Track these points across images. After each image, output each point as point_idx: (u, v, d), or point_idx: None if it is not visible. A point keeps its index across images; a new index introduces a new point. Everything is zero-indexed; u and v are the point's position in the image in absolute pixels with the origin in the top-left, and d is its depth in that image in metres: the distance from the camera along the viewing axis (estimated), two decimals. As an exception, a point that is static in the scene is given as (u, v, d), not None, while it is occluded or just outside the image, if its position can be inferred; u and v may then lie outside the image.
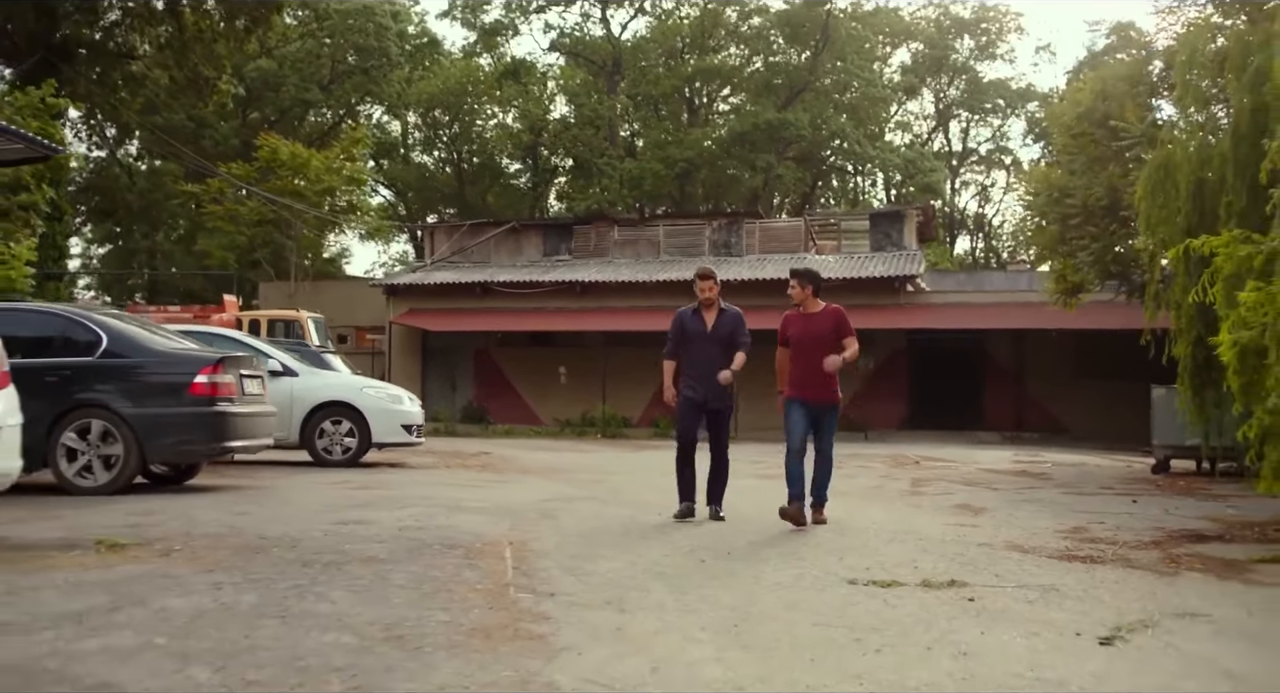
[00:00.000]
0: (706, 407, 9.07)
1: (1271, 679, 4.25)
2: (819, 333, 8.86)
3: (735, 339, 9.07)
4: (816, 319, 8.94)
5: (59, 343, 9.49)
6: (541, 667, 4.00)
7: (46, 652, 3.91)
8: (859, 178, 63.82)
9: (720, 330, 9.08)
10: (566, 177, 60.96)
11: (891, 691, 3.86)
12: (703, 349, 9.08)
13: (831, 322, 8.91)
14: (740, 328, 9.17)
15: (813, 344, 8.82)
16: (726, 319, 9.15)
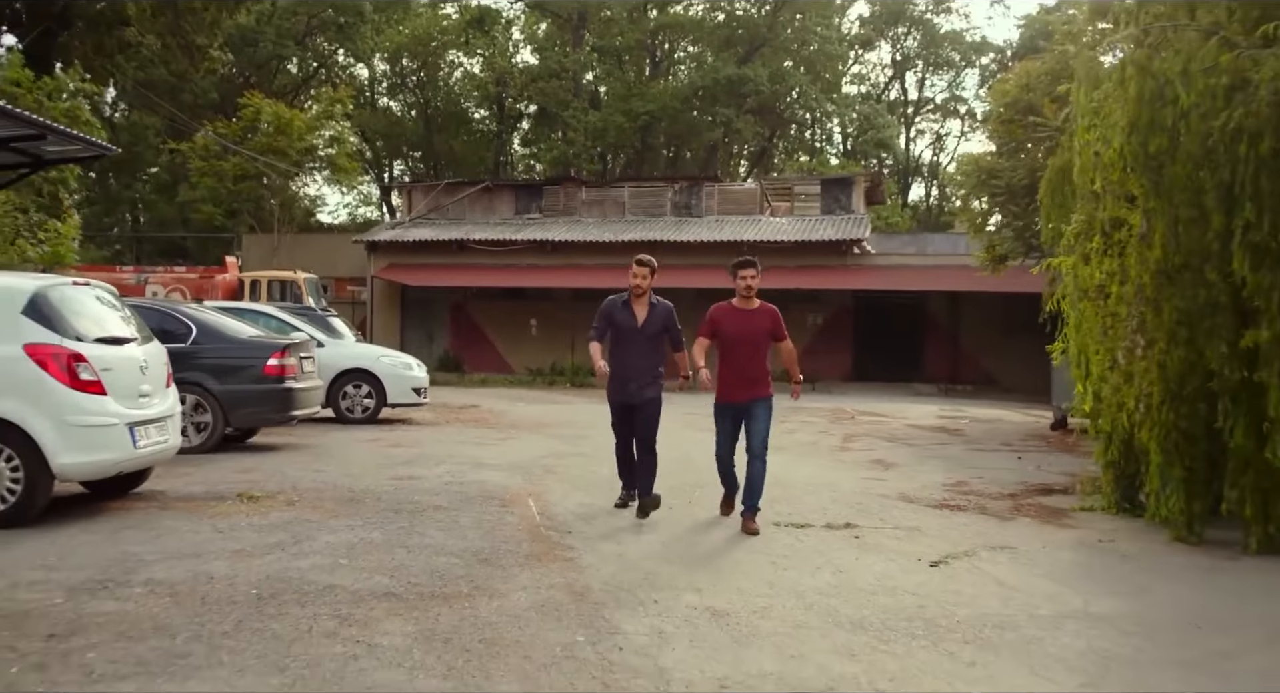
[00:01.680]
0: (631, 404, 8.80)
1: (1029, 587, 6.80)
2: (755, 332, 8.48)
3: (670, 334, 8.86)
4: (754, 317, 8.52)
5: (159, 333, 11.87)
6: (576, 577, 6.54)
7: (280, 568, 6.41)
8: (815, 131, 66.08)
9: (650, 327, 8.73)
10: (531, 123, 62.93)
11: (791, 591, 6.40)
12: (630, 345, 8.75)
13: (769, 321, 8.52)
14: (673, 323, 8.88)
15: (747, 343, 8.45)
16: (657, 315, 8.78)
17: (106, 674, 4.49)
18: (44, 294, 7.82)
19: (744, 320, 8.51)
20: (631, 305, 8.81)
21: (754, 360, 8.47)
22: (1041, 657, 5.20)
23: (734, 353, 8.47)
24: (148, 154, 46.02)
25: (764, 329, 8.51)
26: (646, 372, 8.76)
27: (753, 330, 8.49)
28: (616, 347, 8.82)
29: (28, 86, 21.53)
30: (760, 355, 8.51)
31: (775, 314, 8.61)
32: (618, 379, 8.80)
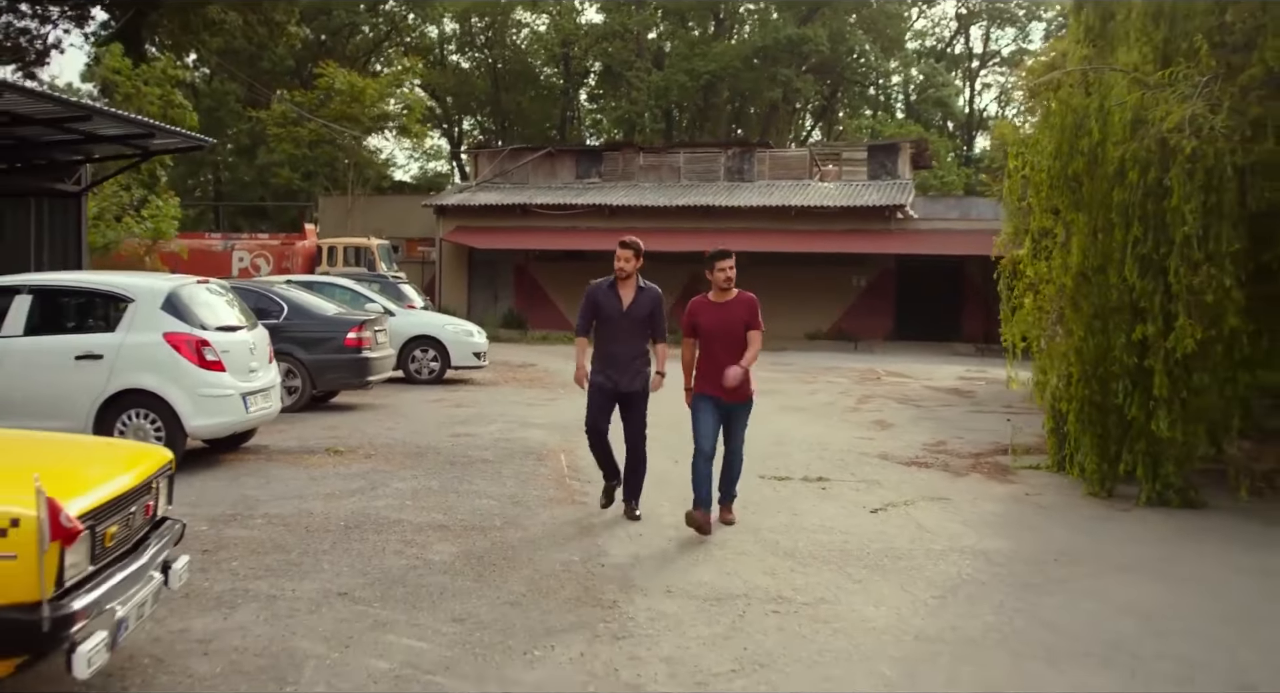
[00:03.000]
0: (618, 392, 8.49)
1: (941, 529, 8.63)
2: (732, 323, 8.25)
3: (653, 322, 8.54)
4: (730, 308, 8.30)
5: (256, 312, 14.00)
6: (584, 516, 8.53)
7: (361, 507, 8.47)
8: (876, 89, 67.03)
9: (637, 311, 8.43)
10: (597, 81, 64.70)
11: (749, 529, 8.30)
12: (616, 329, 8.45)
13: (744, 311, 8.27)
14: (659, 310, 8.59)
15: (725, 336, 8.24)
16: (644, 299, 8.48)
17: (246, 577, 6.55)
18: (176, 292, 9.93)
19: (721, 313, 8.29)
20: (618, 288, 8.46)
21: (733, 354, 8.12)
22: (915, 578, 7.08)
23: (712, 347, 8.25)
24: (229, 119, 48.49)
25: (741, 321, 8.24)
26: (634, 359, 8.47)
27: (730, 323, 8.24)
28: (602, 333, 8.52)
29: (126, 74, 23.80)
30: (740, 349, 8.17)
31: (752, 304, 8.34)
32: (602, 366, 8.49)
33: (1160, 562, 7.74)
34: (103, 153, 17.76)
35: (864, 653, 5.58)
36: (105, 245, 20.67)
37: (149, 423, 9.63)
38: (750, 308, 8.33)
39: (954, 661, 5.52)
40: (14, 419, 8.75)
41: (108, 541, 4.40)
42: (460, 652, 5.34)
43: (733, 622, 6.00)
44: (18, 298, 9.80)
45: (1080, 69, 10.19)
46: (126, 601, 4.38)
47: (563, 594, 6.41)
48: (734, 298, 8.35)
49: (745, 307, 8.32)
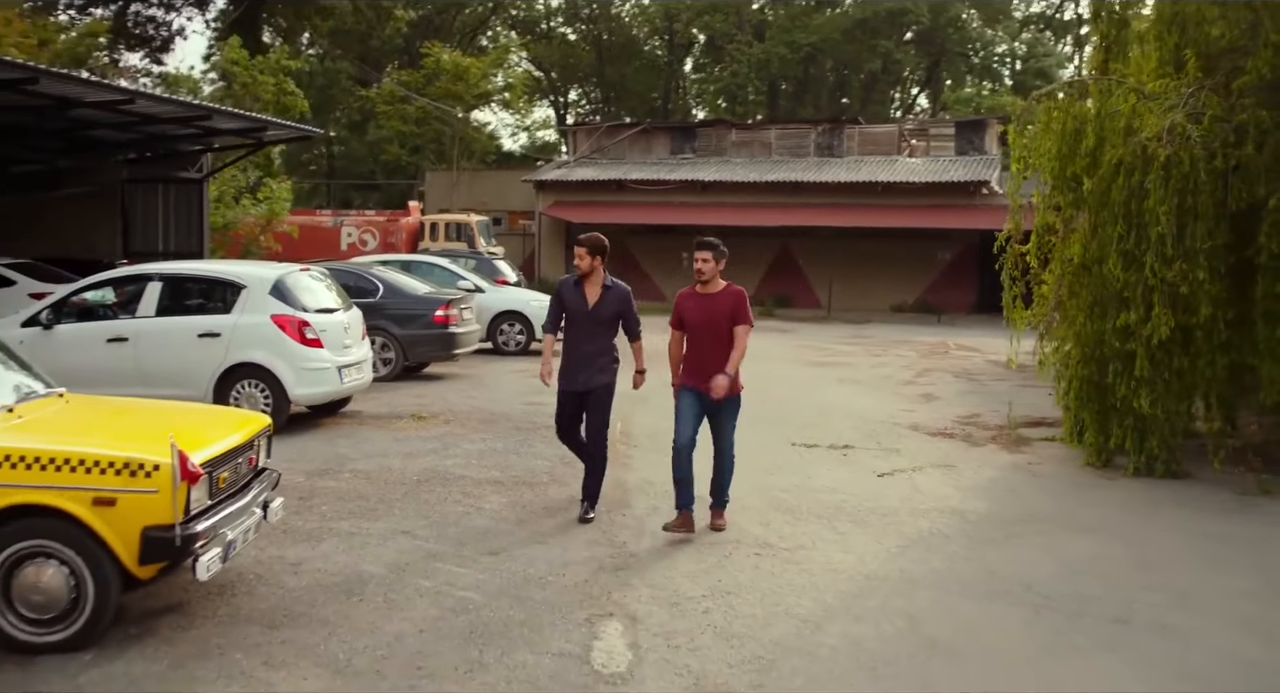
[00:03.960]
0: (579, 391, 8.44)
1: (934, 492, 9.83)
2: (716, 316, 7.99)
3: (625, 321, 8.44)
4: (715, 300, 8.04)
5: (355, 291, 15.66)
6: (622, 475, 9.93)
7: (433, 464, 10.00)
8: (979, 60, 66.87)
9: (603, 309, 8.28)
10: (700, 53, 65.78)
11: (760, 489, 9.60)
12: (579, 328, 8.34)
13: (729, 304, 7.99)
14: (629, 308, 8.45)
15: (710, 329, 8.00)
16: (611, 298, 8.33)
17: (332, 518, 8.10)
18: (283, 279, 11.56)
19: (705, 305, 8.07)
20: (583, 285, 8.31)
21: (718, 348, 7.93)
22: (890, 532, 8.35)
23: (697, 340, 8.07)
24: (340, 96, 50.62)
25: (725, 313, 7.97)
26: (597, 357, 8.32)
27: (714, 315, 7.98)
28: (569, 330, 8.44)
29: (244, 64, 25.72)
30: (725, 343, 7.94)
31: (739, 297, 8.08)
32: (567, 364, 8.41)
33: (1117, 523, 8.89)
34: (222, 143, 19.59)
35: (817, 587, 6.90)
36: (224, 225, 22.58)
37: (259, 392, 11.28)
38: (735, 301, 8.03)
39: (888, 595, 6.81)
40: (148, 388, 10.46)
41: (221, 483, 5.92)
42: (489, 577, 6.81)
43: (717, 561, 7.36)
44: (150, 284, 11.54)
45: (1079, 79, 11.22)
46: (235, 528, 5.91)
47: (583, 537, 7.84)
48: (720, 290, 8.08)
49: (730, 299, 8.02)
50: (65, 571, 5.39)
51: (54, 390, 6.57)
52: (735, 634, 5.99)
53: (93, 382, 10.22)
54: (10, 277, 15.91)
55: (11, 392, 6.29)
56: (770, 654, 5.73)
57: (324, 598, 6.30)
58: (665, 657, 5.64)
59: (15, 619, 5.41)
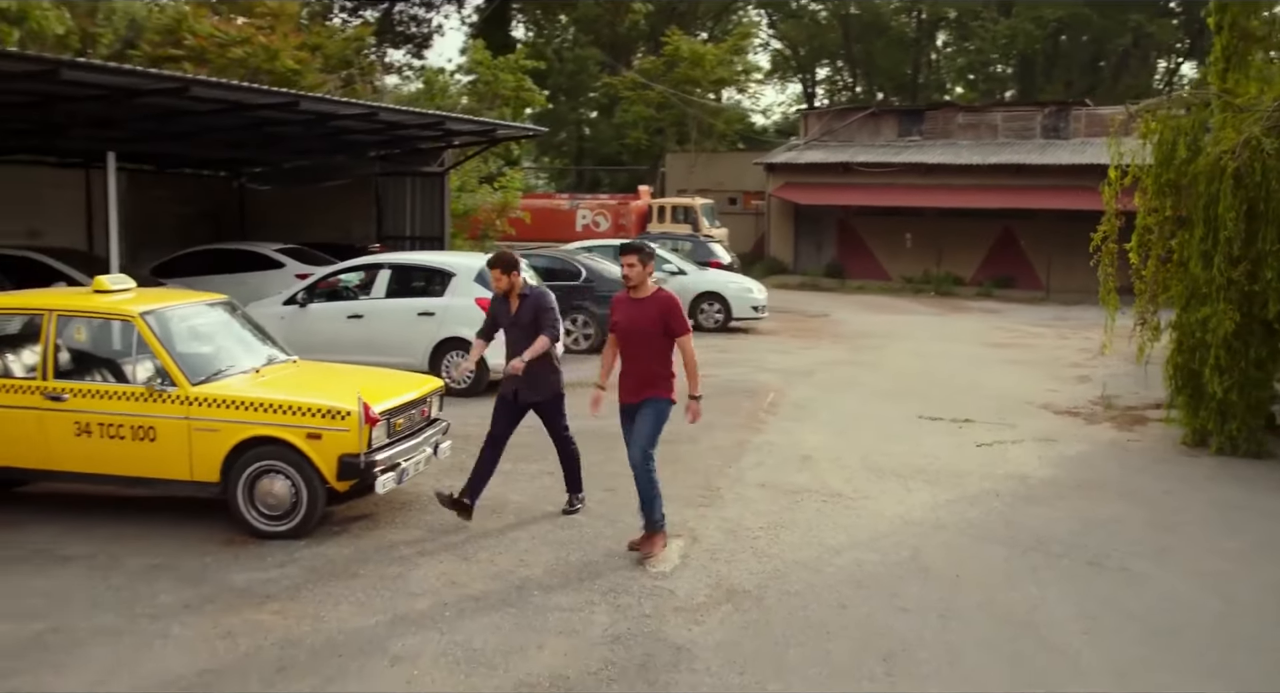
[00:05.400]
0: (518, 402, 8.62)
1: (1017, 461, 11.30)
2: (644, 323, 7.69)
3: (538, 323, 8.45)
4: (644, 306, 7.73)
5: (560, 274, 18.05)
6: (748, 438, 11.85)
7: (591, 424, 12.14)
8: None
9: (523, 316, 8.47)
10: (948, 31, 65.85)
11: (862, 451, 11.34)
12: (510, 338, 8.56)
13: (657, 310, 7.66)
14: (543, 311, 8.51)
15: (638, 336, 7.73)
16: (527, 305, 8.48)
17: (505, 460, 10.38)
18: (485, 268, 13.93)
19: (634, 311, 7.77)
20: (508, 298, 8.57)
21: (646, 358, 7.77)
22: (950, 490, 9.97)
23: (627, 348, 7.87)
24: (588, 81, 53.63)
25: (653, 320, 7.66)
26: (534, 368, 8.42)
27: (642, 321, 7.70)
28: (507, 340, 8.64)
29: (487, 64, 28.62)
30: (654, 352, 7.75)
31: (668, 304, 7.73)
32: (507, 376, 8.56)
33: (1160, 492, 10.24)
34: (460, 141, 22.36)
35: (856, 527, 8.70)
36: (464, 212, 25.47)
37: (463, 360, 13.70)
38: (664, 308, 7.71)
39: (910, 535, 8.54)
40: (378, 356, 13.01)
41: (397, 427, 8.24)
42: (598, 505, 8.96)
43: (787, 504, 9.25)
44: (381, 271, 14.19)
45: (1176, 93, 12.39)
46: (407, 460, 8.22)
47: (689, 482, 9.86)
48: (649, 296, 7.76)
49: (659, 306, 7.70)
50: (288, 483, 7.81)
51: (290, 358, 9.07)
52: (768, 555, 7.90)
53: (335, 349, 12.90)
54: (280, 260, 19.01)
55: (261, 358, 8.78)
56: (786, 569, 7.61)
57: (475, 514, 8.54)
58: (704, 565, 7.62)
59: (256, 514, 7.87)
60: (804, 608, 6.88)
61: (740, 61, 46.41)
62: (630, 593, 7.00)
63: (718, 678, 5.79)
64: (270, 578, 7.09)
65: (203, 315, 8.99)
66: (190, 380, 7.95)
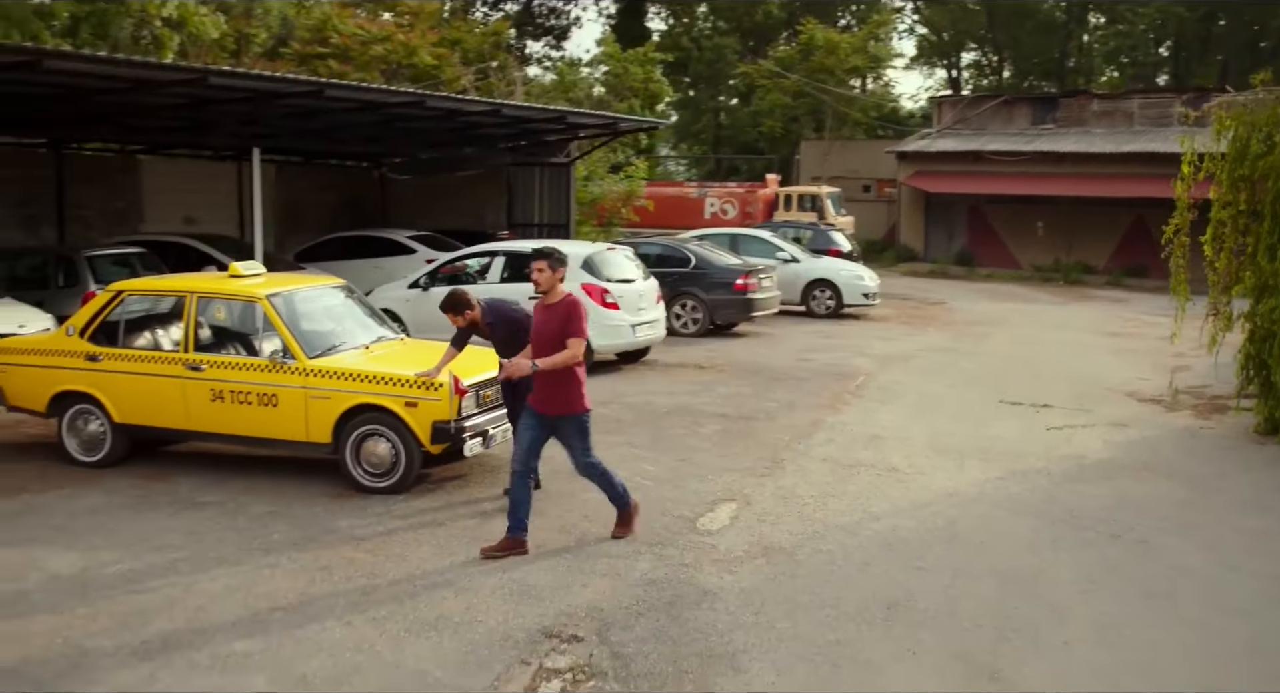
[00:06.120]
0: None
1: (1082, 444, 11.85)
2: (548, 330, 7.64)
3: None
4: (552, 312, 7.67)
5: (670, 261, 19.01)
6: (826, 417, 12.65)
7: (684, 402, 13.14)
8: None
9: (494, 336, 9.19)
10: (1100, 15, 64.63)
11: (933, 432, 12.04)
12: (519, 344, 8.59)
13: (559, 315, 7.63)
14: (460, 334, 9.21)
15: (544, 342, 7.64)
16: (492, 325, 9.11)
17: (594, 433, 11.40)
18: (592, 256, 15.03)
19: (542, 316, 7.77)
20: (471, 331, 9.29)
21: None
22: (1003, 468, 10.60)
23: (536, 353, 7.71)
24: (726, 69, 54.40)
25: (556, 325, 7.61)
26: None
27: (546, 329, 7.66)
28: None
29: (617, 57, 29.70)
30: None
31: (568, 310, 7.66)
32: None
33: (1209, 475, 10.73)
34: (585, 133, 23.49)
35: (902, 497, 9.47)
36: (591, 200, 26.61)
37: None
38: (566, 314, 7.64)
39: (950, 505, 9.29)
40: (491, 335, 14.14)
41: (486, 398, 9.31)
42: (666, 471, 9.91)
43: (842, 477, 10.06)
44: (496, 258, 15.37)
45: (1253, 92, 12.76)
46: (494, 427, 9.28)
47: (757, 455, 10.74)
48: (558, 301, 7.71)
49: (562, 311, 7.65)
50: (389, 445, 8.96)
51: (398, 336, 10.25)
52: (811, 519, 8.76)
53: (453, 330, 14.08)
54: (412, 246, 20.36)
55: (372, 336, 9.95)
56: (825, 532, 8.46)
57: (554, 478, 9.55)
58: (749, 526, 8.51)
59: (362, 472, 9.04)
60: (830, 564, 7.73)
61: (875, 49, 46.62)
62: (675, 547, 7.95)
63: (734, 616, 6.69)
64: (367, 525, 8.24)
65: (323, 298, 10.22)
66: (308, 354, 9.16)
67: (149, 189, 21.63)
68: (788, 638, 6.41)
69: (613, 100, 29.69)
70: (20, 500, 8.87)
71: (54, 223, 19.59)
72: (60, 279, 15.39)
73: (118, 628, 6.32)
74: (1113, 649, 6.40)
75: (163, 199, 21.45)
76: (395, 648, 6.09)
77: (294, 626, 6.37)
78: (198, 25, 23.45)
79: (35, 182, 19.50)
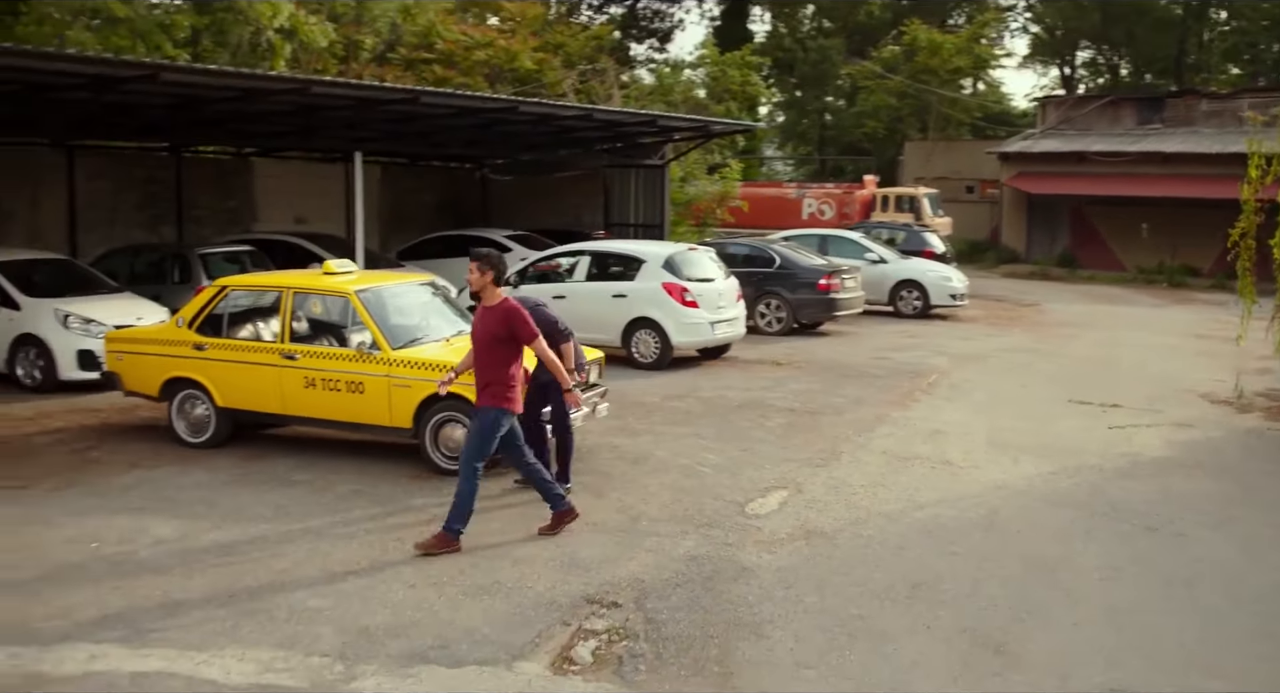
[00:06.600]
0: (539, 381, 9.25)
1: (1140, 442, 12.12)
2: (481, 332, 7.91)
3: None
4: (489, 315, 7.88)
5: (756, 261, 19.55)
6: (892, 413, 13.08)
7: (756, 396, 13.67)
8: None
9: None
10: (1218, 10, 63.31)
11: (993, 428, 12.40)
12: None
13: (498, 321, 7.82)
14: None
15: (480, 344, 7.92)
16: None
17: (657, 423, 12.01)
18: (673, 256, 15.65)
19: (480, 319, 8.02)
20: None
21: (482, 365, 7.93)
22: (1055, 463, 10.88)
23: (474, 354, 8.06)
24: (831, 70, 54.55)
25: (493, 329, 7.84)
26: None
27: (481, 331, 7.94)
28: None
29: (715, 61, 30.28)
30: (490, 360, 7.87)
31: (507, 314, 7.83)
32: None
33: (1261, 474, 10.97)
34: (679, 136, 24.11)
35: (950, 489, 9.90)
36: (687, 201, 27.23)
37: (651, 338, 15.45)
38: (502, 318, 7.84)
39: (994, 496, 9.69)
40: (578, 332, 14.61)
41: (555, 389, 9.98)
42: (725, 460, 10.48)
43: (895, 469, 10.52)
44: (582, 258, 16.06)
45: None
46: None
47: (816, 447, 11.24)
48: (495, 305, 7.90)
49: (497, 316, 7.86)
50: (464, 430, 9.64)
51: (478, 330, 10.94)
52: (858, 506, 9.26)
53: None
54: (508, 245, 21.13)
55: (453, 329, 10.68)
56: (867, 518, 8.95)
57: (619, 464, 10.22)
58: (796, 511, 9.05)
59: (439, 455, 9.78)
60: (866, 548, 8.24)
61: (979, 50, 46.45)
62: (722, 528, 8.52)
63: (766, 590, 7.25)
64: (442, 503, 8.90)
65: (409, 294, 11.00)
66: (391, 346, 9.93)
67: (261, 190, 22.84)
68: (813, 611, 6.95)
69: (710, 103, 30.25)
70: (134, 475, 9.80)
71: (173, 222, 20.86)
72: (175, 275, 16.49)
73: (209, 585, 7.13)
74: (1120, 631, 6.82)
75: (274, 199, 22.63)
76: (451, 608, 6.79)
77: (363, 588, 7.11)
78: (307, 34, 24.60)
79: (157, 184, 20.81)
